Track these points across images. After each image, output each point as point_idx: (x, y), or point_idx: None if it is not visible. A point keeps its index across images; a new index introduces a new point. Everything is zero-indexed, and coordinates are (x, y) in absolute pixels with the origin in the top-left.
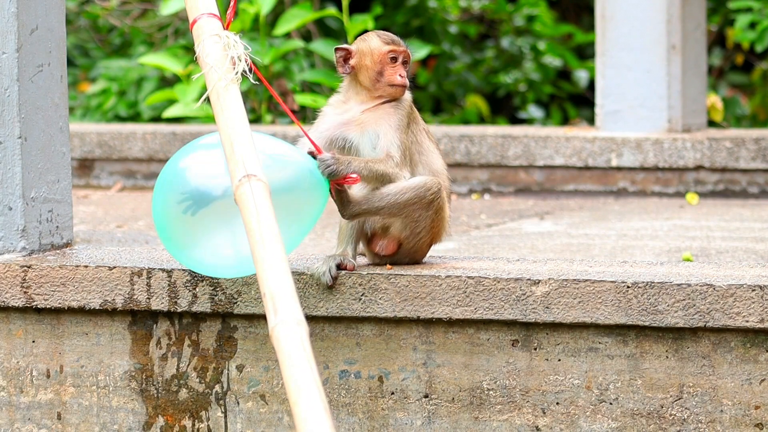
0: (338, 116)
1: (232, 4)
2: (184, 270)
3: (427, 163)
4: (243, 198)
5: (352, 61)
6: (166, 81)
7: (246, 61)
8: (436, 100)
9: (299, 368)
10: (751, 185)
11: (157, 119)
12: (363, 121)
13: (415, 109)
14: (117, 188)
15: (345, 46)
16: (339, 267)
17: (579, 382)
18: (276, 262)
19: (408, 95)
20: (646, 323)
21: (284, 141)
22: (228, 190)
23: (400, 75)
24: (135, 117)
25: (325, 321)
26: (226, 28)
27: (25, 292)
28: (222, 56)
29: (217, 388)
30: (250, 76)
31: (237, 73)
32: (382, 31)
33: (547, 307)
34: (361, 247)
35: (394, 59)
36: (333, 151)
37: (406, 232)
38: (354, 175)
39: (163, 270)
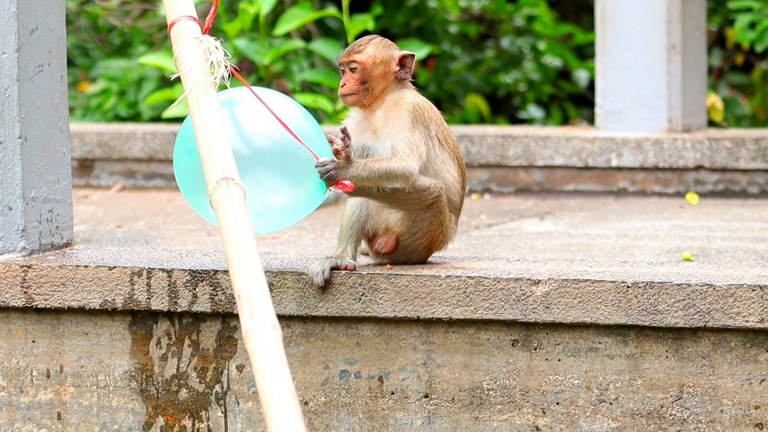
0: (357, 125)
1: (212, 10)
2: (184, 270)
3: (437, 172)
4: (219, 201)
5: None
6: (166, 81)
7: (226, 67)
8: (436, 100)
9: (274, 372)
10: (751, 185)
11: (157, 119)
12: (375, 128)
13: (424, 114)
14: (117, 188)
15: None
16: (335, 268)
17: (579, 382)
18: (252, 266)
19: (411, 98)
20: (646, 323)
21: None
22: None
23: (341, 84)
24: (135, 117)
25: (325, 321)
26: (205, 32)
27: (25, 292)
28: (201, 59)
29: (217, 388)
30: (228, 83)
31: (216, 77)
32: (359, 38)
33: (547, 307)
34: (363, 246)
35: (342, 71)
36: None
37: (403, 229)
38: (347, 182)
39: (163, 270)
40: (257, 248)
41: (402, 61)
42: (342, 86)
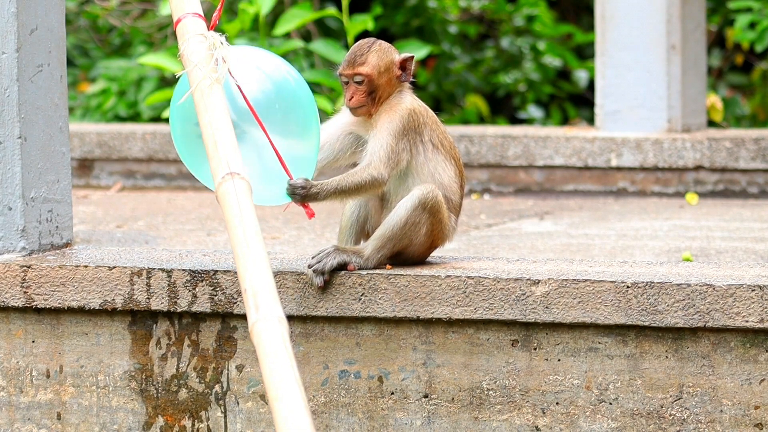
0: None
1: (219, 6)
2: (183, 270)
3: (431, 174)
4: (225, 195)
5: None
6: (166, 81)
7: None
8: (436, 100)
9: (280, 365)
10: (751, 185)
11: (157, 119)
12: (372, 123)
13: (419, 119)
14: (117, 188)
15: None
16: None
17: (579, 382)
18: (257, 260)
19: (408, 103)
20: (646, 323)
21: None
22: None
23: (348, 98)
24: (135, 117)
25: (325, 321)
26: (211, 29)
27: (24, 292)
28: (206, 56)
29: (217, 388)
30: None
31: (220, 73)
32: (355, 46)
33: (546, 307)
34: None
35: (345, 82)
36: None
37: (405, 241)
38: (312, 207)
39: (163, 270)
40: (263, 243)
41: (402, 65)
42: (350, 99)
